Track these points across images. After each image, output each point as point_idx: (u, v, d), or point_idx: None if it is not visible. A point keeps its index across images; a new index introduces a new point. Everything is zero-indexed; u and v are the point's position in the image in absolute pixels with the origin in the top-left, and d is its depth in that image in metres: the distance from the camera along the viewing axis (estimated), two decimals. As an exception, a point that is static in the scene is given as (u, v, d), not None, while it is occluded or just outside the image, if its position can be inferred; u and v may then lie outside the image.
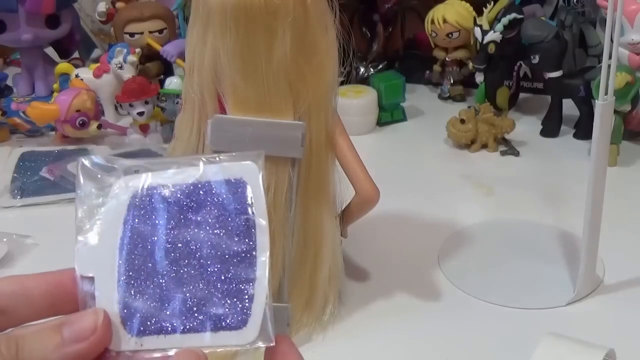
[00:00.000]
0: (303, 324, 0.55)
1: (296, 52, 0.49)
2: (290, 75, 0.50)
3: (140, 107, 0.86)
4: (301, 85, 0.50)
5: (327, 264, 0.54)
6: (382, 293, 0.59)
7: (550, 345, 0.46)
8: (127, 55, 0.90)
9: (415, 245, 0.65)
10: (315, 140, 0.52)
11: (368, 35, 1.02)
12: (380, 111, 0.91)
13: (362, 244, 0.65)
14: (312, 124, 0.51)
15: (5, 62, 1.14)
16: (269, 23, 0.48)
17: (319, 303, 0.55)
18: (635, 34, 0.78)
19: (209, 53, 0.50)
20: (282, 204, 0.50)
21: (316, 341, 0.54)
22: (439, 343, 0.53)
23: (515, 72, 0.93)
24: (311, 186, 0.53)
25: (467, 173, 0.80)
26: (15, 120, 0.88)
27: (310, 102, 0.51)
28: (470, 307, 0.57)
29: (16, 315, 0.31)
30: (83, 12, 1.11)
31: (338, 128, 0.54)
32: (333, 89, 0.53)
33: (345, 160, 0.54)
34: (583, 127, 0.85)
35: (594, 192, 0.54)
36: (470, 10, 0.92)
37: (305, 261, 0.54)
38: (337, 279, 0.56)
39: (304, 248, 0.54)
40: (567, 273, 0.60)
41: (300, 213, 0.52)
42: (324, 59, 0.51)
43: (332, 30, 0.51)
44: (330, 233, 0.54)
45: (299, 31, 0.49)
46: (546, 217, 0.69)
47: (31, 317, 0.32)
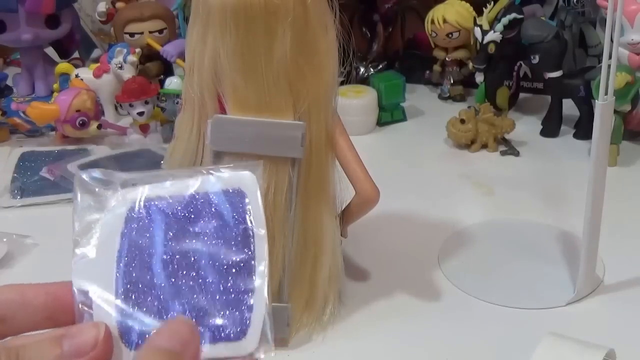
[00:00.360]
0: (303, 324, 0.55)
1: (296, 52, 0.49)
2: (290, 75, 0.50)
3: (140, 107, 0.86)
4: (301, 85, 0.50)
5: (327, 264, 0.54)
6: (382, 293, 0.59)
7: (550, 345, 0.46)
8: (127, 55, 0.90)
9: (415, 245, 0.65)
10: (316, 140, 0.52)
11: (368, 35, 1.02)
12: (380, 111, 0.91)
13: (362, 244, 0.65)
14: (312, 124, 0.51)
15: (5, 62, 1.14)
16: (269, 23, 0.48)
17: (319, 303, 0.55)
18: (635, 34, 0.78)
19: (209, 53, 0.50)
20: (282, 203, 0.50)
21: (316, 341, 0.54)
22: (439, 343, 0.53)
23: (515, 72, 0.93)
24: (311, 186, 0.53)
25: (467, 173, 0.80)
26: (15, 120, 0.88)
27: (310, 102, 0.51)
28: (470, 307, 0.57)
29: (14, 323, 0.31)
30: (83, 12, 1.11)
31: (338, 128, 0.54)
32: (333, 88, 0.53)
33: (345, 160, 0.54)
34: (583, 127, 0.85)
35: (594, 192, 0.54)
36: (470, 10, 0.92)
37: (305, 261, 0.54)
38: (337, 279, 0.56)
39: (304, 248, 0.54)
40: (567, 273, 0.60)
41: (300, 213, 0.52)
42: (324, 59, 0.51)
43: (332, 30, 0.51)
44: (330, 233, 0.54)
45: (299, 31, 0.49)
46: (546, 217, 0.69)
47: (29, 327, 0.31)
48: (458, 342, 0.53)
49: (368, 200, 0.54)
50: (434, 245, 0.65)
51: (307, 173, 0.52)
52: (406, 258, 0.64)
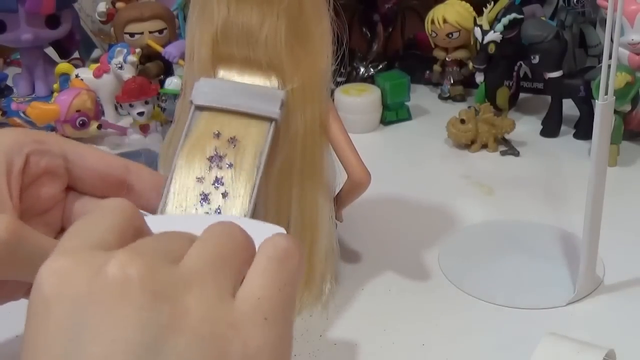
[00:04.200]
0: (304, 304, 0.56)
1: (290, 37, 0.50)
2: (282, 54, 0.51)
3: (140, 107, 0.86)
4: (293, 66, 0.51)
5: (323, 245, 0.56)
6: (382, 293, 0.59)
7: (550, 345, 0.46)
8: (127, 55, 0.90)
9: (415, 245, 0.65)
10: (310, 125, 0.53)
11: (368, 35, 1.02)
12: (385, 110, 0.91)
13: (362, 244, 0.65)
14: (306, 110, 0.52)
15: (5, 62, 1.14)
16: (262, 8, 0.49)
17: (317, 283, 0.56)
18: (635, 34, 0.78)
19: (206, 37, 0.51)
20: (252, 165, 0.49)
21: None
22: (438, 343, 0.53)
23: (515, 72, 0.93)
24: (306, 171, 0.54)
25: (467, 173, 0.80)
26: (15, 120, 0.88)
27: (305, 88, 0.52)
28: (470, 307, 0.57)
29: None
30: (83, 12, 1.11)
31: (331, 113, 0.55)
32: (327, 75, 0.54)
33: (339, 145, 0.56)
34: (583, 127, 0.85)
35: (594, 192, 0.54)
36: (470, 10, 0.92)
37: (302, 244, 0.55)
38: (333, 261, 0.57)
39: (302, 230, 0.55)
40: (567, 273, 0.60)
41: (296, 196, 0.54)
42: (318, 46, 0.53)
43: (326, 17, 0.52)
44: (326, 215, 0.56)
45: (292, 17, 0.50)
46: (546, 217, 0.69)
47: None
48: (458, 341, 0.54)
49: (359, 183, 0.56)
50: (434, 245, 0.65)
51: (302, 157, 0.53)
52: (406, 258, 0.64)
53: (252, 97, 0.50)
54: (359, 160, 0.56)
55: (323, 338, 0.54)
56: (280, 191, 0.54)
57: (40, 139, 0.44)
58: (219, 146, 0.48)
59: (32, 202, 0.43)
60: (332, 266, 0.57)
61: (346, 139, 0.56)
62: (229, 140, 0.48)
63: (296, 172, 0.54)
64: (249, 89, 0.50)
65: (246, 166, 0.48)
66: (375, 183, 0.56)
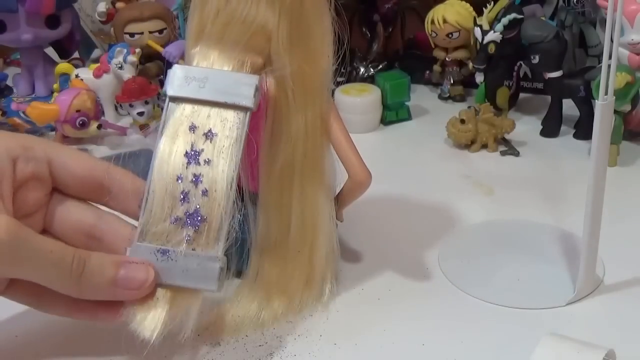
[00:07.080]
0: (305, 304, 0.56)
1: (292, 36, 0.50)
2: (282, 53, 0.50)
3: (140, 107, 0.86)
4: (294, 66, 0.51)
5: (324, 245, 0.56)
6: (382, 293, 0.59)
7: (550, 345, 0.46)
8: (127, 55, 0.90)
9: (415, 245, 0.65)
10: (311, 125, 0.53)
11: (368, 35, 1.02)
12: (385, 110, 0.91)
13: (362, 244, 0.65)
14: (307, 110, 0.53)
15: (5, 62, 1.14)
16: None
17: (318, 283, 0.57)
18: (635, 34, 0.78)
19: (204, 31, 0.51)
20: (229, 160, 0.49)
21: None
22: (438, 343, 0.53)
23: (515, 72, 0.93)
24: (307, 171, 0.54)
25: (467, 173, 0.80)
26: (15, 120, 0.88)
27: (306, 88, 0.52)
28: (470, 307, 0.57)
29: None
30: (83, 12, 1.11)
31: (332, 113, 0.55)
32: (328, 74, 0.54)
33: (339, 145, 0.56)
34: (583, 127, 0.85)
35: (594, 192, 0.54)
36: (470, 10, 0.92)
37: (303, 244, 0.55)
38: (334, 262, 0.57)
39: (303, 230, 0.55)
40: (567, 273, 0.60)
41: (297, 196, 0.54)
42: (320, 45, 0.53)
43: (328, 17, 0.52)
44: (327, 215, 0.56)
45: (294, 16, 0.50)
46: (546, 217, 0.69)
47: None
48: (457, 341, 0.53)
49: (360, 183, 0.56)
50: (434, 245, 0.65)
51: (303, 157, 0.53)
52: (406, 258, 0.64)
53: (226, 85, 0.49)
54: (359, 160, 0.56)
55: (323, 338, 0.54)
56: (281, 191, 0.54)
57: (27, 144, 0.45)
58: (195, 141, 0.48)
59: (19, 206, 0.44)
60: (332, 266, 0.58)
61: (347, 138, 0.56)
62: (205, 134, 0.48)
63: (297, 172, 0.54)
64: (223, 75, 0.50)
65: (222, 161, 0.48)
66: (376, 183, 0.56)
